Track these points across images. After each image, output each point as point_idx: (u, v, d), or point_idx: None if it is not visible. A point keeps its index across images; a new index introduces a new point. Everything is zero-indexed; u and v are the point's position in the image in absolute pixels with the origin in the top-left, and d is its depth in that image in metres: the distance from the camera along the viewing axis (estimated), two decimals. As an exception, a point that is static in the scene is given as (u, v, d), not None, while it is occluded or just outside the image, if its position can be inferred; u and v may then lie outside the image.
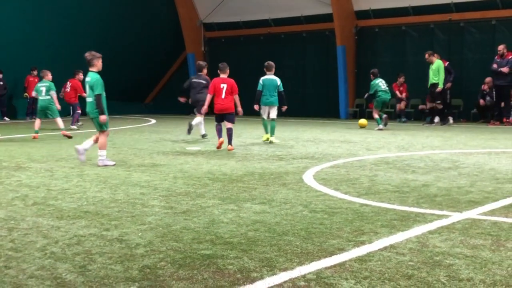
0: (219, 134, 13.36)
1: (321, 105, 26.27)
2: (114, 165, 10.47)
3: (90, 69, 10.58)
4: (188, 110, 23.67)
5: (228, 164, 10.68)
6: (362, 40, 25.51)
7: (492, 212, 6.61)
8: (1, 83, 24.66)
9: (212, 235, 5.64)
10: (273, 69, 14.84)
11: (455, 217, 6.36)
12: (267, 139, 14.78)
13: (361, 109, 25.61)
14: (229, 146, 13.02)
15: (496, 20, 22.39)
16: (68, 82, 20.84)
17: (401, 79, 23.11)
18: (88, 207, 6.99)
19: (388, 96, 18.60)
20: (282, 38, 27.54)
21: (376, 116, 18.68)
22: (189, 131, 15.71)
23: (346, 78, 25.28)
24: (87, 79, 10.60)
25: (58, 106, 16.82)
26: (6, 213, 6.67)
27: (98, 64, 10.57)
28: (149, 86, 29.68)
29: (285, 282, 4.33)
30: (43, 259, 4.94)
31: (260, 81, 14.68)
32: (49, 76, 16.85)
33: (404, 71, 23.56)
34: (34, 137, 15.89)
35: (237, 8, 28.12)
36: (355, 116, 25.40)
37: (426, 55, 21.07)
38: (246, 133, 17.49)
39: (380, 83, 18.32)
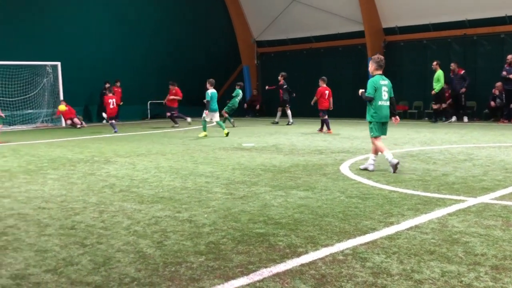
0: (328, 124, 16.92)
1: (354, 108, 25.97)
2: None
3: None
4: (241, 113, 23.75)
5: (277, 157, 10.66)
6: (389, 52, 25.14)
7: (502, 197, 6.44)
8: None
9: (264, 217, 5.64)
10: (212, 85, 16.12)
11: (471, 201, 6.21)
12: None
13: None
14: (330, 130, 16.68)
15: (504, 34, 21.94)
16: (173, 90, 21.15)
17: (445, 86, 22.62)
18: (164, 193, 7.08)
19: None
20: (321, 52, 27.39)
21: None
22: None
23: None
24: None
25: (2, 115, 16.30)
26: (97, 199, 6.81)
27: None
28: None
29: (326, 256, 4.30)
30: (127, 236, 5.03)
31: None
32: None
33: (425, 79, 23.21)
34: None
35: (284, 28, 28.10)
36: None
37: (434, 63, 20.80)
38: (292, 132, 17.41)
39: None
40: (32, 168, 9.78)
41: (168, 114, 21.31)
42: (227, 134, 15.87)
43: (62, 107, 20.93)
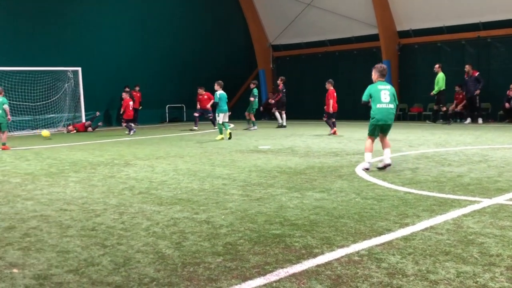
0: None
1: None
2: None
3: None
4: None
5: (293, 159, 10.64)
6: (404, 55, 25.05)
7: (518, 199, 6.36)
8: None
9: (281, 218, 5.63)
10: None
11: (486, 202, 6.14)
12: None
13: (403, 112, 25.15)
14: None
15: (518, 36, 21.76)
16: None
17: (458, 88, 22.47)
18: (182, 195, 7.10)
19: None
20: (336, 56, 27.32)
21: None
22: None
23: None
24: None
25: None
26: (117, 201, 6.86)
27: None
28: (229, 96, 29.98)
29: (342, 257, 4.29)
30: (147, 237, 5.05)
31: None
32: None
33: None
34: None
35: (299, 32, 28.10)
36: (399, 118, 24.99)
37: (437, 66, 20.75)
38: (307, 134, 17.37)
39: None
40: (54, 171, 9.88)
41: (211, 116, 21.39)
42: (226, 138, 15.73)
43: (45, 133, 18.49)
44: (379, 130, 8.95)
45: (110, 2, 24.19)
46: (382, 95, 8.79)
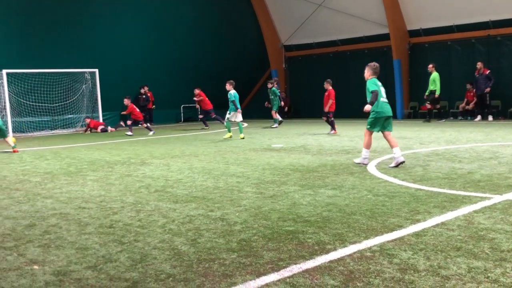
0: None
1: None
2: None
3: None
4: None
5: (305, 157, 10.62)
6: (414, 54, 24.90)
7: (529, 195, 6.29)
8: (144, 96, 25.16)
9: (294, 215, 5.62)
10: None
11: (496, 198, 6.09)
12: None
13: (414, 110, 25.04)
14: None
15: (527, 34, 21.55)
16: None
17: (469, 86, 22.31)
18: (197, 193, 7.12)
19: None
20: (347, 55, 27.23)
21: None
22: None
23: (401, 85, 24.85)
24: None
25: None
26: (134, 199, 6.89)
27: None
28: (243, 96, 30.01)
29: (354, 253, 4.27)
30: (163, 234, 5.07)
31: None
32: None
33: (450, 79, 22.91)
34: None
35: (311, 32, 28.03)
36: (410, 116, 24.92)
37: (430, 66, 20.69)
38: (319, 133, 17.32)
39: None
40: (73, 170, 9.96)
41: (214, 115, 21.51)
42: (230, 137, 15.82)
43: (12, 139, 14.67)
44: (381, 124, 8.99)
45: (125, 6, 24.30)
46: (382, 90, 9.05)
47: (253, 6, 29.28)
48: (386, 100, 9.09)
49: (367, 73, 9.24)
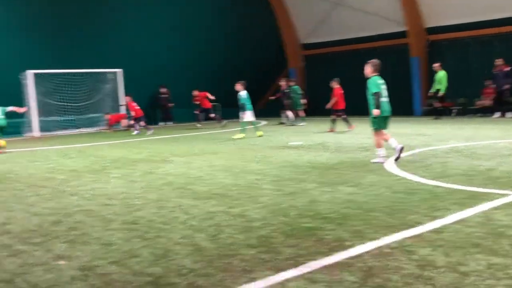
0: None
1: (397, 105, 25.53)
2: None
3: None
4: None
5: (324, 155, 10.59)
6: (433, 52, 24.61)
7: (549, 192, 6.19)
8: (166, 95, 25.32)
9: (312, 212, 5.62)
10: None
11: (516, 196, 6.00)
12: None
13: (432, 108, 24.78)
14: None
15: (547, 31, 21.18)
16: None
17: (488, 82, 22.05)
18: (217, 190, 7.15)
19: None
20: (365, 53, 26.98)
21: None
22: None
23: (419, 83, 24.62)
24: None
25: None
26: (157, 196, 6.95)
27: None
28: (261, 95, 29.98)
29: (373, 249, 4.26)
30: (184, 230, 5.11)
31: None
32: None
33: (469, 76, 22.63)
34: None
35: (329, 30, 27.87)
36: (428, 114, 24.68)
37: (436, 65, 20.54)
38: (337, 130, 17.23)
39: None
40: (97, 167, 10.07)
41: (213, 115, 21.73)
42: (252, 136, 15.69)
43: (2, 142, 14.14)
44: (384, 123, 9.09)
45: (148, 7, 24.49)
46: (382, 89, 9.02)
47: (272, 5, 29.24)
48: (387, 99, 9.10)
49: (368, 70, 9.17)
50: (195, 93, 22.71)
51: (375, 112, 8.89)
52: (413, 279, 3.59)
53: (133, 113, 20.10)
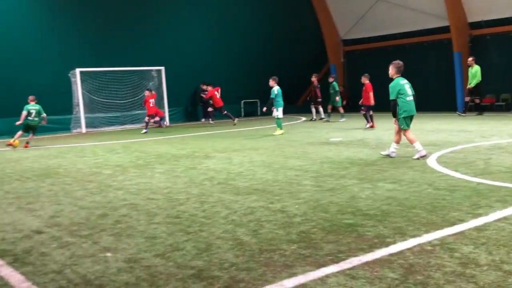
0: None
1: (440, 101, 24.95)
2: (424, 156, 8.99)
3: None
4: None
5: (364, 151, 10.48)
6: (476, 47, 23.94)
7: None
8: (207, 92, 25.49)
9: (353, 208, 5.57)
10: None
11: None
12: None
13: (475, 103, 24.14)
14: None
15: None
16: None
17: None
18: (257, 185, 7.18)
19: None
20: (406, 48, 26.51)
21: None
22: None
23: (462, 78, 24.01)
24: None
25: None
26: (198, 191, 7.03)
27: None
28: (301, 91, 29.82)
29: (414, 246, 4.19)
30: (226, 224, 5.15)
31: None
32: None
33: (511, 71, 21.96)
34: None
35: (369, 26, 27.51)
36: (471, 109, 24.03)
37: (470, 59, 19.90)
38: (378, 126, 17.01)
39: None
40: (141, 163, 10.26)
41: (224, 112, 21.84)
42: (281, 134, 15.36)
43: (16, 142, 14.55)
44: (410, 121, 9.20)
45: (189, 7, 24.75)
46: (407, 89, 9.12)
47: (312, 2, 29.05)
48: (412, 98, 9.17)
49: (392, 71, 9.34)
50: (208, 88, 22.47)
51: (396, 122, 9.22)
52: (455, 276, 3.52)
53: (153, 110, 20.17)
